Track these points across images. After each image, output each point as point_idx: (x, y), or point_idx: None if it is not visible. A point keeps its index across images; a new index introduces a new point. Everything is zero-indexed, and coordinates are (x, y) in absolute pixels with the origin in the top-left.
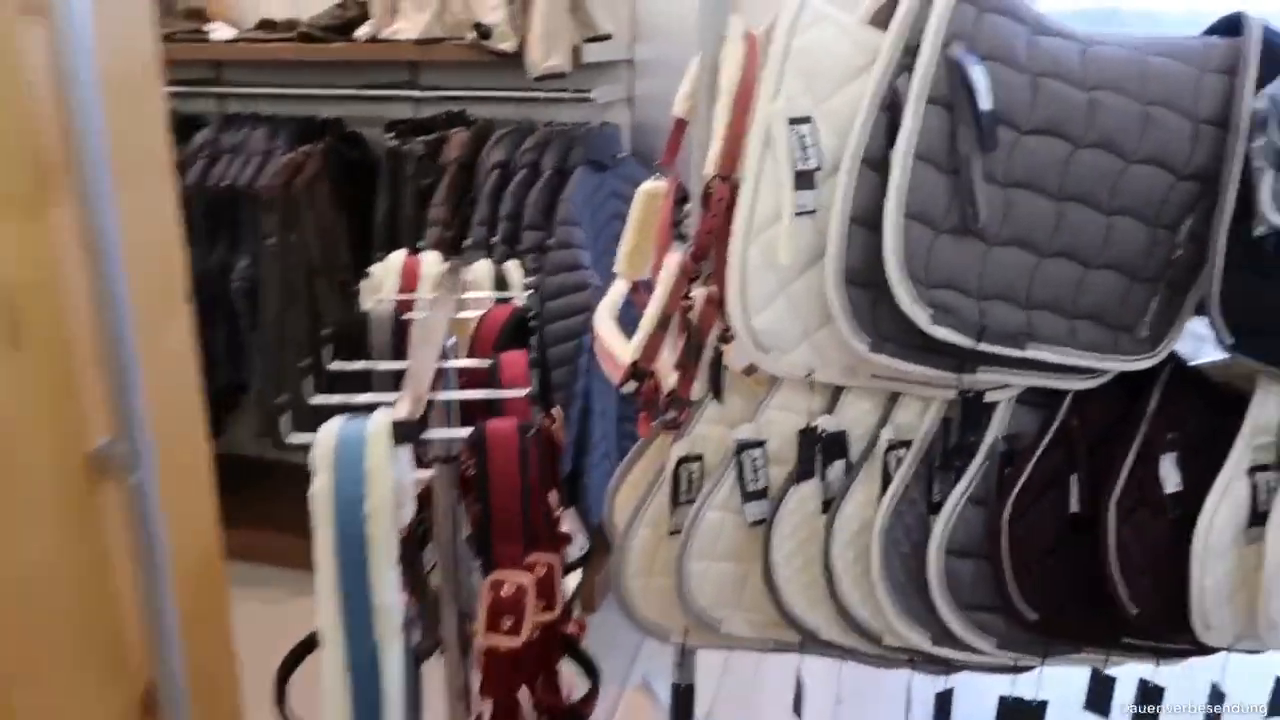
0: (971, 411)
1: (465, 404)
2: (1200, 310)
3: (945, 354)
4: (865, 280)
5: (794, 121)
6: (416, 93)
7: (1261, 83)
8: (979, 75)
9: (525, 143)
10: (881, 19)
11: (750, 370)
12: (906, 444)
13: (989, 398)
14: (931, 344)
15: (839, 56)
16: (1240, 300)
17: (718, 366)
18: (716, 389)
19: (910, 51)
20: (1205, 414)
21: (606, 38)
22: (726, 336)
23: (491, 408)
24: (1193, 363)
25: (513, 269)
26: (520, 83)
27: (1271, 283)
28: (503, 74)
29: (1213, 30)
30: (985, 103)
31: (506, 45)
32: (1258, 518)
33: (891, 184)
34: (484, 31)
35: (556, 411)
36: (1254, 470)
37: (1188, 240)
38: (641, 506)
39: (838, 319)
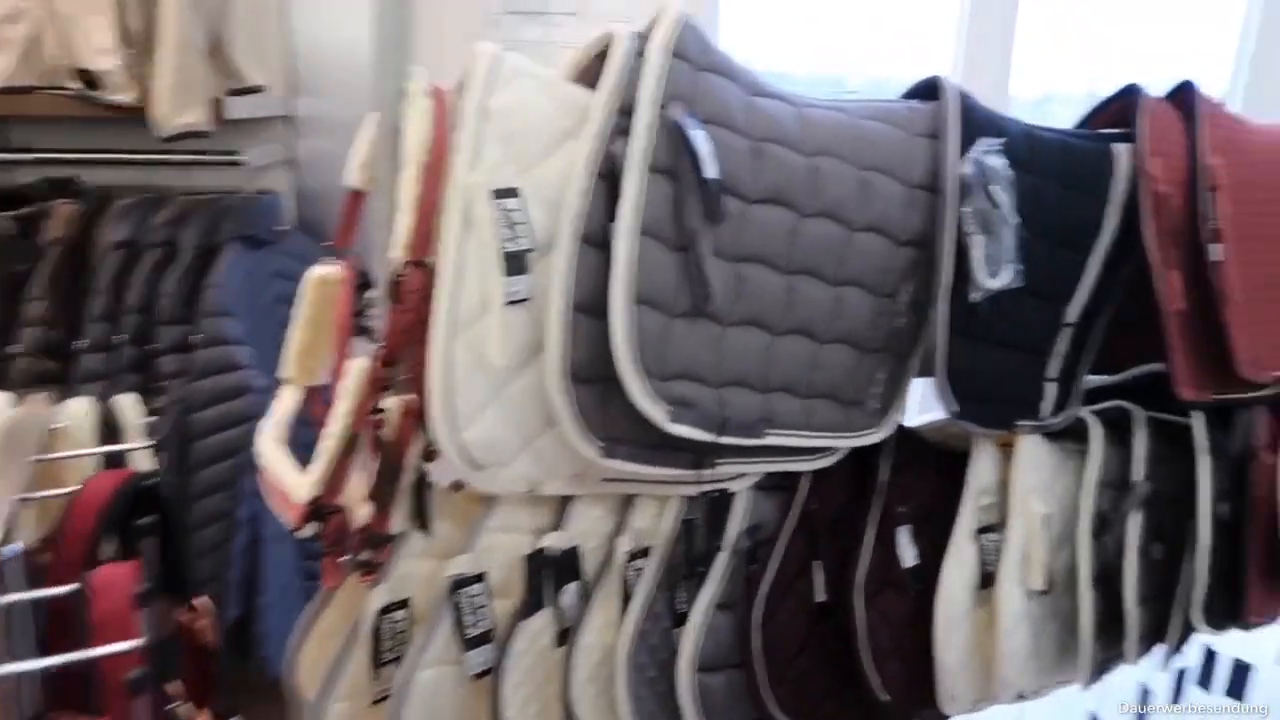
0: (715, 510)
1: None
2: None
3: (684, 450)
4: (593, 376)
5: (498, 194)
6: (2, 155)
7: (965, 146)
8: (701, 141)
9: (157, 215)
10: (588, 76)
11: (459, 485)
12: (646, 551)
13: (727, 486)
14: (670, 441)
15: (544, 118)
16: (962, 366)
17: (421, 491)
18: (422, 518)
19: (625, 113)
20: (934, 480)
21: (257, 90)
22: (430, 454)
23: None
24: (908, 425)
25: (127, 406)
26: (147, 142)
27: (987, 348)
28: (123, 132)
29: (913, 94)
30: (710, 170)
31: (124, 97)
32: (986, 579)
33: (616, 264)
34: (91, 80)
35: (203, 603)
36: (980, 532)
37: (908, 308)
38: (335, 672)
39: (563, 423)
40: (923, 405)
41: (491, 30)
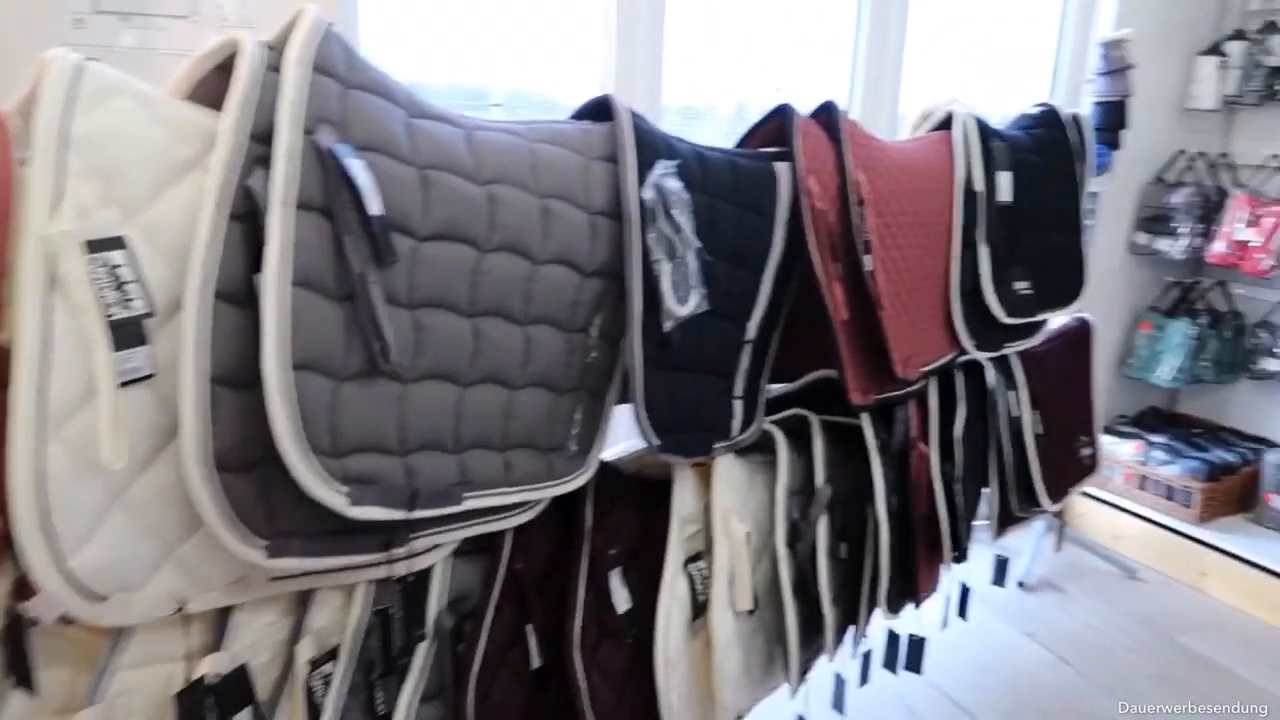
0: (411, 591)
1: None
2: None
3: (370, 532)
4: (247, 462)
5: (96, 246)
6: None
7: (642, 169)
8: (359, 171)
9: None
10: (206, 94)
11: (68, 620)
12: (333, 653)
13: (422, 564)
14: (352, 526)
15: (152, 146)
16: (659, 398)
17: (18, 638)
18: (22, 674)
19: (262, 138)
20: (637, 515)
21: None
22: (25, 591)
23: None
24: (604, 458)
25: None
26: None
27: (681, 376)
28: None
29: (582, 114)
30: (374, 206)
31: None
32: (699, 609)
33: (266, 323)
34: None
35: None
36: (689, 562)
37: (600, 341)
38: None
39: (211, 523)
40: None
41: (76, 34)
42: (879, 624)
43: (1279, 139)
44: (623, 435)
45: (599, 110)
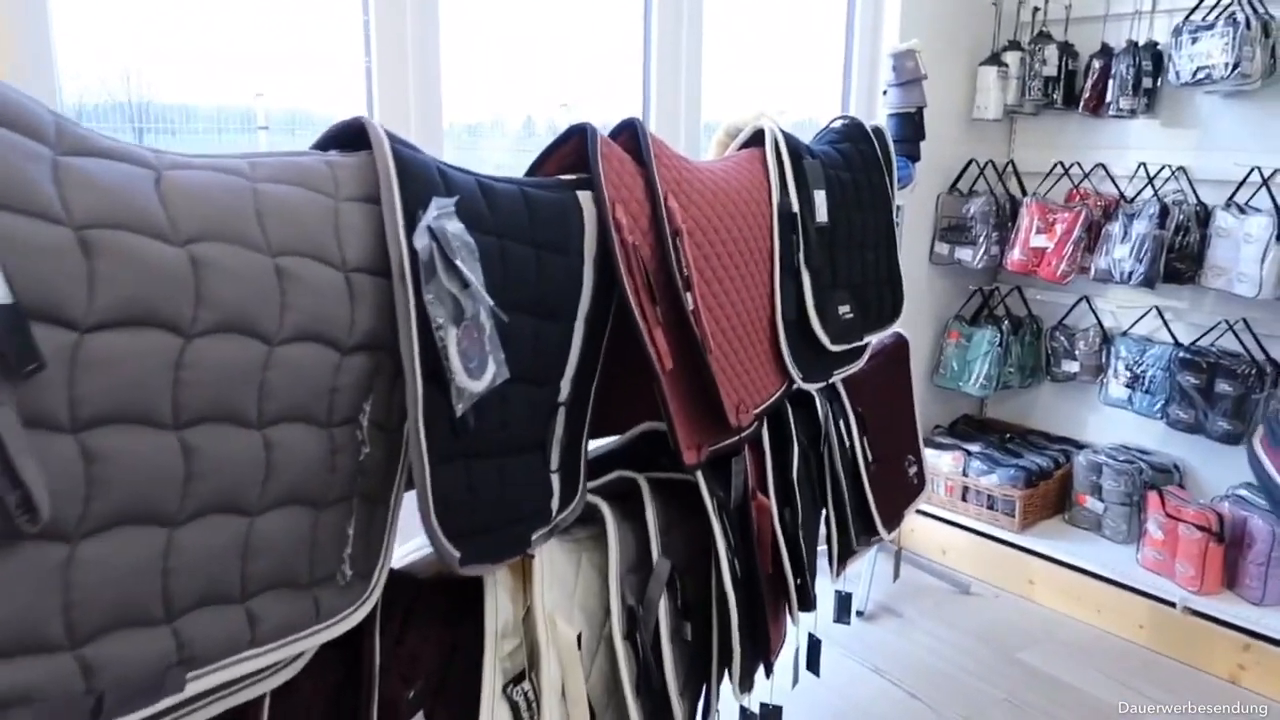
0: None
1: None
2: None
3: None
4: None
5: None
6: None
7: (411, 210)
8: None
9: None
10: None
11: None
12: None
13: None
14: None
15: None
16: (457, 496)
17: None
18: None
19: None
20: (441, 634)
21: None
22: None
23: None
24: (394, 565)
25: None
26: None
27: (483, 465)
28: None
29: (327, 142)
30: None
31: None
32: None
33: None
34: None
35: None
36: (510, 684)
37: (374, 433)
38: None
39: None
40: None
41: None
42: (729, 702)
43: (1059, 147)
44: (417, 528)
45: (350, 136)
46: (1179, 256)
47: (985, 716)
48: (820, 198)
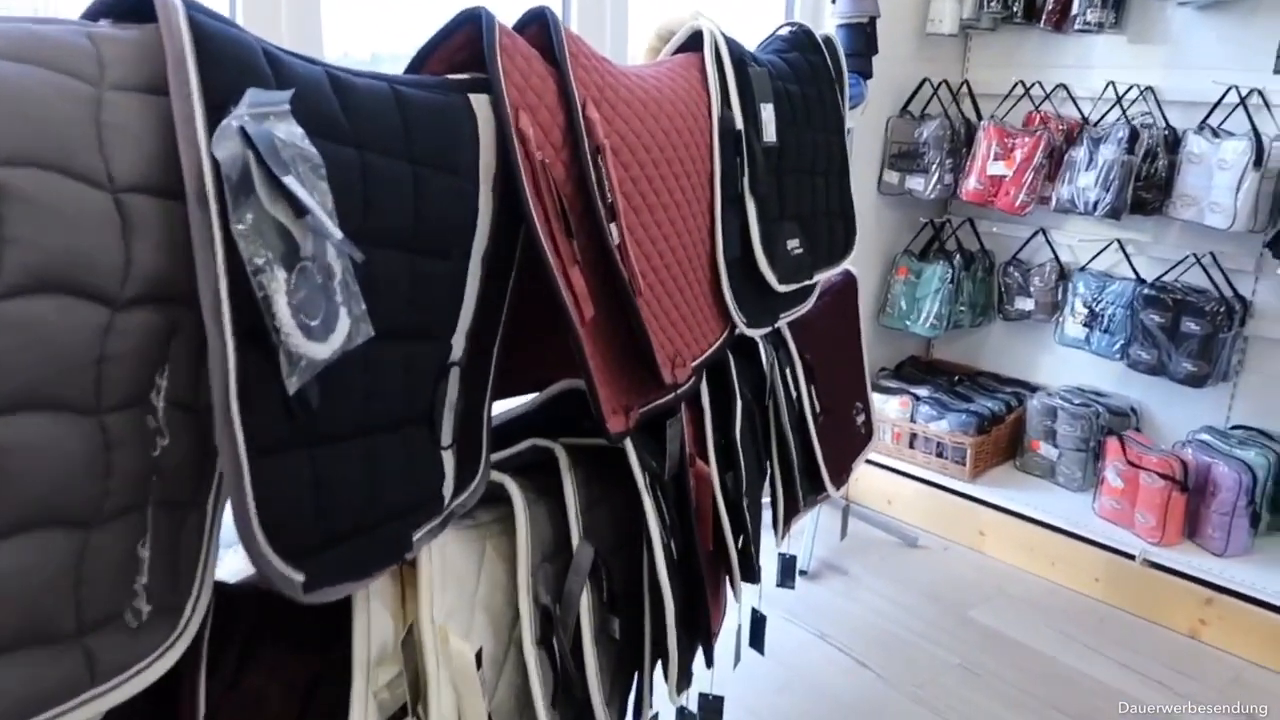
0: None
1: None
2: None
3: None
4: None
5: None
6: None
7: (218, 105)
8: None
9: None
10: None
11: None
12: None
13: None
14: None
15: None
16: (293, 499)
17: None
18: None
19: None
20: (294, 668)
21: None
22: None
23: None
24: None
25: None
26: None
27: (330, 454)
28: None
29: (101, 9)
30: None
31: None
32: None
33: None
34: None
35: None
36: None
37: (173, 415)
38: None
39: None
40: None
41: None
42: (664, 697)
43: (1019, 65)
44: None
45: (130, 4)
46: (1145, 185)
47: (938, 684)
48: (768, 113)
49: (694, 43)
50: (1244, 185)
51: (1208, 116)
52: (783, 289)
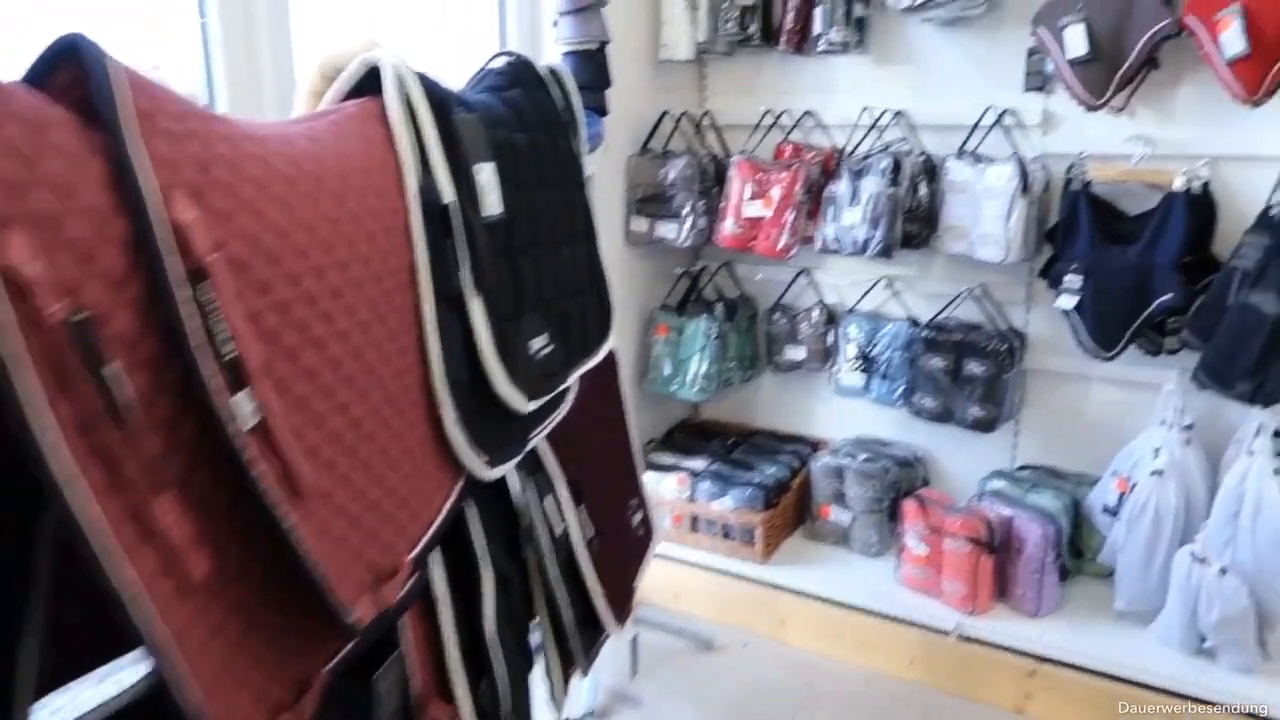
0: None
1: None
2: None
3: None
4: None
5: None
6: None
7: None
8: None
9: None
10: None
11: None
12: None
13: None
14: None
15: None
16: None
17: None
18: None
19: None
20: None
21: None
22: None
23: None
24: None
25: None
26: None
27: None
28: None
29: None
30: None
31: None
32: None
33: None
34: None
35: None
36: None
37: None
38: None
39: None
40: None
41: None
42: None
43: (761, 91)
44: None
45: None
46: (910, 217)
47: None
48: (488, 175)
49: (372, 82)
50: (1014, 214)
51: (966, 140)
52: (533, 406)
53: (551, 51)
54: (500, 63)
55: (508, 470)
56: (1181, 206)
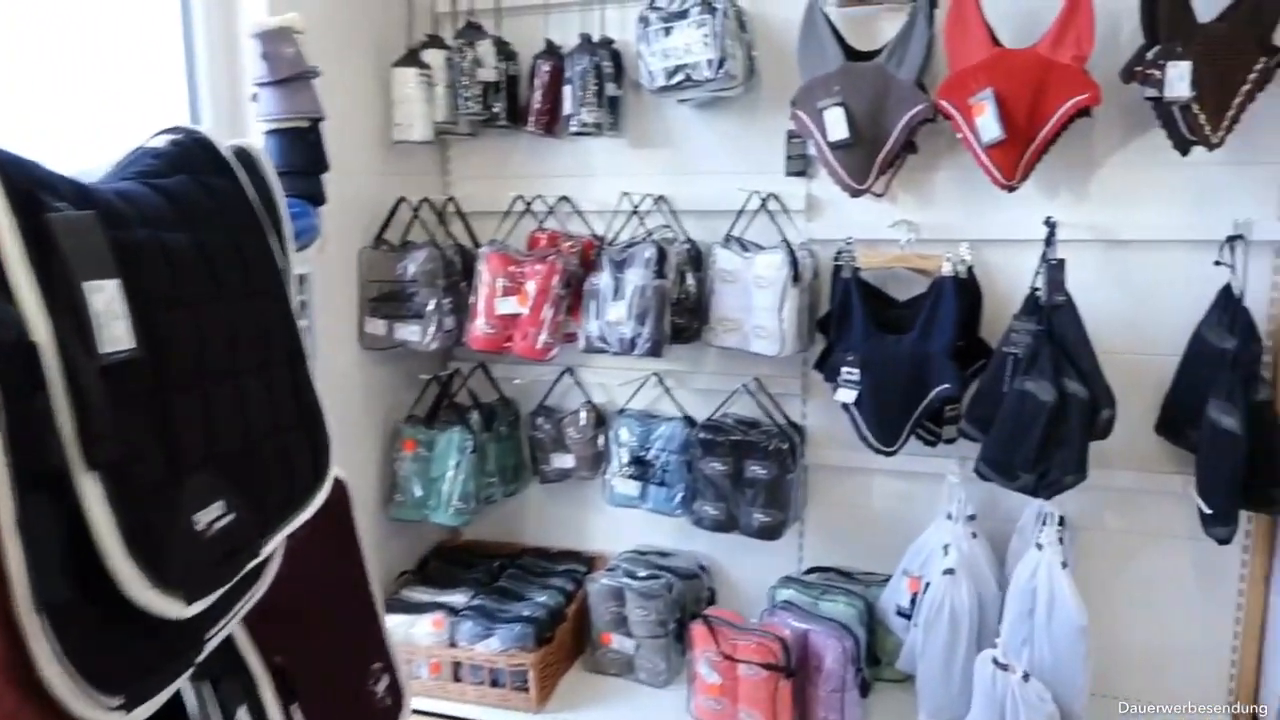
0: None
1: None
2: None
3: None
4: None
5: None
6: None
7: None
8: None
9: None
10: None
11: None
12: None
13: None
14: None
15: None
16: None
17: None
18: None
19: None
20: None
21: None
22: None
23: None
24: None
25: None
26: None
27: None
28: None
29: None
30: None
31: None
32: None
33: None
34: None
35: None
36: None
37: None
38: None
39: None
40: None
41: None
42: None
43: (513, 176)
44: None
45: None
46: (678, 309)
47: None
48: (108, 296)
49: None
50: (786, 304)
51: (732, 227)
52: (199, 607)
53: (255, 129)
54: (164, 142)
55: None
56: (951, 291)
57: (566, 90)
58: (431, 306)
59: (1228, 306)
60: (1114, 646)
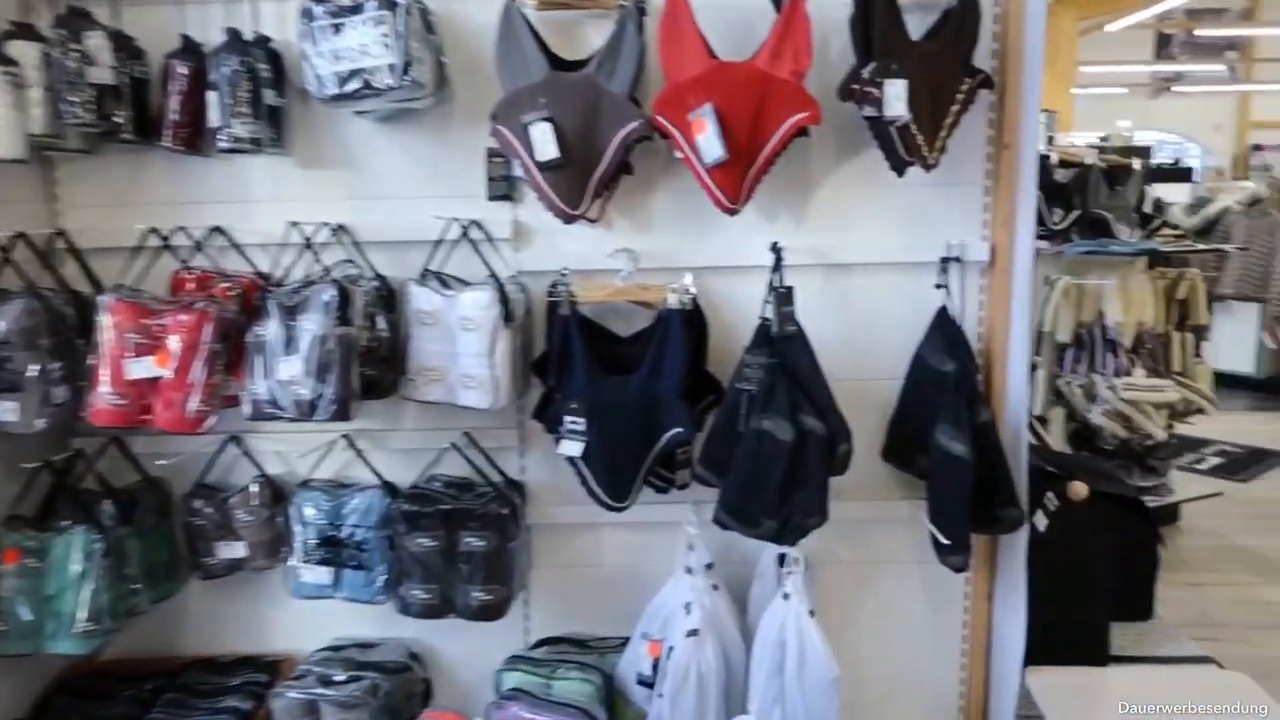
0: None
1: None
2: None
3: None
4: None
5: None
6: None
7: None
8: None
9: None
10: None
11: None
12: None
13: None
14: None
15: None
16: None
17: None
18: None
19: None
20: None
21: None
22: None
23: None
24: None
25: None
26: None
27: None
28: None
29: None
30: None
31: None
32: None
33: None
34: None
35: None
36: None
37: None
38: None
39: None
40: None
41: None
42: None
43: (146, 203)
44: None
45: None
46: (368, 359)
47: None
48: None
49: None
50: (498, 348)
51: (429, 260)
52: None
53: None
54: None
55: None
56: (679, 325)
57: (212, 97)
58: (33, 374)
59: (945, 329)
60: (855, 680)
